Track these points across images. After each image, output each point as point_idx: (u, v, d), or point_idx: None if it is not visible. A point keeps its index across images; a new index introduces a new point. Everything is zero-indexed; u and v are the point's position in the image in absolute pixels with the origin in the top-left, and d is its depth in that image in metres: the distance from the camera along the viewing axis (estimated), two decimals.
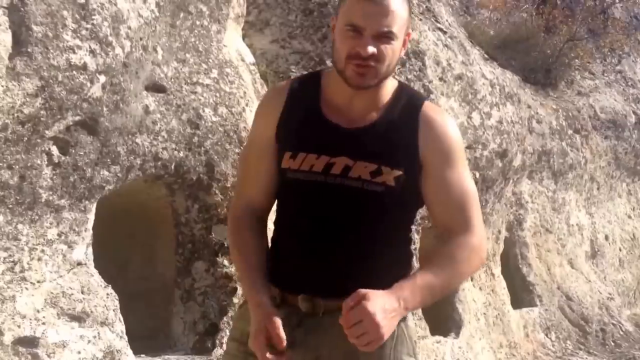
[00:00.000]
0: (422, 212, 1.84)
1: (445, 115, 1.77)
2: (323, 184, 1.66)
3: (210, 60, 3.80)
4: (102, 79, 2.81)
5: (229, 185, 3.66)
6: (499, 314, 5.49)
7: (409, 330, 1.73)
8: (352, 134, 1.67)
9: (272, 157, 1.75)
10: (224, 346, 3.45)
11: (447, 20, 5.80)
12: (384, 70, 1.65)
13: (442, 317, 5.08)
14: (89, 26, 2.72)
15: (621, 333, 6.72)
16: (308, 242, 1.69)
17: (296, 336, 1.66)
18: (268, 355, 1.59)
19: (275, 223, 1.81)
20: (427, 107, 1.73)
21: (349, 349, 1.57)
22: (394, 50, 1.64)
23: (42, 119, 2.61)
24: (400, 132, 1.68)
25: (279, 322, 1.62)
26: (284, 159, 1.72)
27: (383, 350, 1.64)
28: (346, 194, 1.66)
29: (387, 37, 1.62)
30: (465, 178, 1.73)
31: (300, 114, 1.72)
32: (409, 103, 1.72)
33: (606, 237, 7.61)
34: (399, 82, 1.79)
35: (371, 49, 1.60)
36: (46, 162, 2.71)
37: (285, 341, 1.61)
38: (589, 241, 7.29)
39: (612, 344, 6.53)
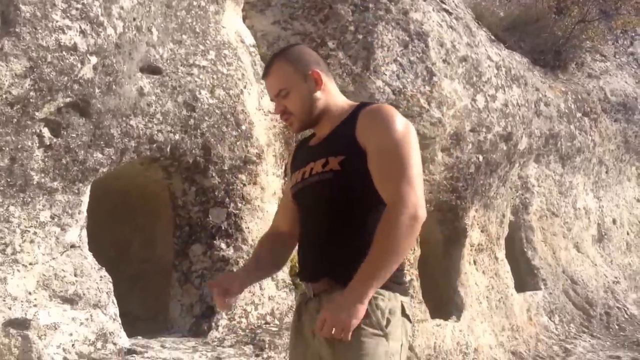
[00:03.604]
0: None
1: (381, 106, 2.07)
2: (302, 187, 2.08)
3: (208, 41, 3.76)
4: (94, 60, 2.79)
5: (226, 168, 3.64)
6: (502, 297, 5.46)
7: (378, 310, 1.92)
8: (315, 147, 2.11)
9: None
10: (220, 329, 3.45)
11: (453, 1, 5.72)
12: (300, 113, 2.08)
13: (444, 301, 5.06)
14: (79, 6, 2.69)
15: (626, 317, 6.68)
16: (302, 237, 2.10)
17: (305, 315, 2.02)
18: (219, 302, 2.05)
19: None
20: (369, 106, 2.06)
21: None
22: (295, 99, 2.07)
23: (31, 100, 2.60)
24: (343, 131, 2.04)
25: (239, 285, 2.08)
26: (290, 184, 2.19)
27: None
28: (312, 188, 2.04)
29: (281, 95, 2.08)
30: (396, 149, 1.95)
31: (302, 149, 2.21)
32: (357, 110, 2.06)
33: (614, 221, 7.54)
34: (362, 102, 2.16)
35: (277, 109, 2.11)
36: (37, 144, 2.70)
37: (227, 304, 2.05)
38: (595, 225, 7.23)
39: (617, 327, 6.49)
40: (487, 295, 5.33)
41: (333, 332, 1.84)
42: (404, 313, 1.96)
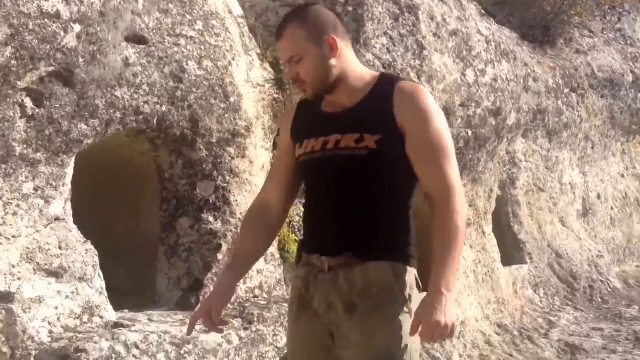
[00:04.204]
0: None
1: (417, 86, 2.03)
2: (321, 158, 1.98)
3: (195, 11, 3.68)
4: (77, 27, 2.71)
5: (214, 140, 3.59)
6: (488, 270, 5.50)
7: (401, 285, 1.93)
8: (339, 115, 2.00)
9: (290, 155, 2.09)
10: None
11: None
12: (313, 80, 1.98)
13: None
14: None
15: (609, 289, 6.77)
16: (316, 209, 2.03)
17: (314, 289, 1.98)
18: (209, 325, 2.02)
19: (304, 202, 2.13)
20: (401, 83, 2.00)
21: (349, 298, 1.93)
22: (308, 66, 1.96)
23: (12, 68, 2.52)
24: (377, 106, 1.96)
25: (225, 300, 2.06)
26: (296, 150, 2.06)
27: (376, 300, 1.91)
28: (339, 161, 1.95)
29: (294, 61, 1.97)
30: (440, 136, 1.94)
31: (306, 114, 2.09)
32: (385, 84, 2.00)
33: (598, 196, 7.60)
34: (382, 73, 2.12)
35: (289, 74, 2.02)
36: (19, 114, 2.63)
37: (216, 322, 2.02)
38: (580, 199, 7.28)
39: (599, 300, 6.58)
40: (474, 268, 5.36)
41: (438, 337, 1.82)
42: (417, 286, 1.97)
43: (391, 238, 1.96)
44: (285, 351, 2.19)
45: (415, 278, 1.96)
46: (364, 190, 1.94)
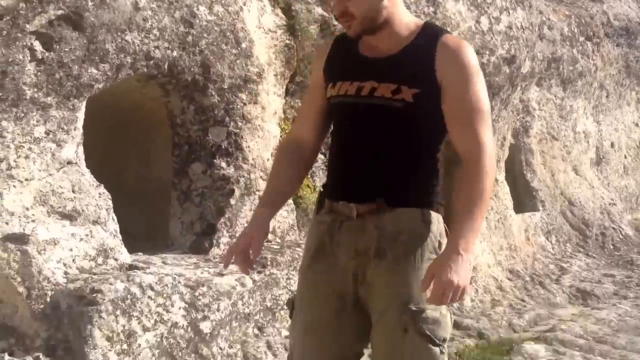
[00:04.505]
0: None
1: (462, 42, 1.96)
2: (355, 104, 1.93)
3: None
4: None
5: (225, 86, 3.58)
6: (500, 218, 5.51)
7: (431, 232, 1.92)
8: (377, 62, 1.94)
9: (321, 95, 2.03)
10: (221, 246, 3.47)
11: None
12: (362, 19, 1.90)
13: (444, 220, 5.09)
14: None
15: (621, 237, 6.78)
16: (345, 155, 1.98)
17: (339, 236, 1.95)
18: (233, 259, 1.99)
19: (329, 147, 2.08)
20: (446, 36, 1.94)
21: (379, 245, 1.90)
22: (361, 2, 1.88)
23: (21, 12, 2.51)
24: (419, 58, 1.91)
25: (264, 235, 2.01)
26: (328, 91, 2.01)
27: (406, 248, 1.90)
28: (373, 110, 1.91)
29: None
30: (479, 97, 1.90)
31: (342, 54, 2.02)
32: (429, 35, 1.94)
33: (612, 145, 7.54)
34: (427, 22, 2.05)
35: (337, 9, 1.92)
36: (29, 58, 2.62)
37: (256, 256, 1.98)
38: (594, 148, 7.23)
39: (611, 247, 6.60)
40: (487, 216, 5.36)
41: (447, 299, 1.76)
42: (446, 234, 1.94)
43: (421, 186, 1.94)
44: (293, 294, 2.13)
45: (444, 226, 1.95)
46: (396, 140, 1.92)
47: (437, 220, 1.93)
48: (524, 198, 6.12)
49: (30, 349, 2.61)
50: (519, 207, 5.92)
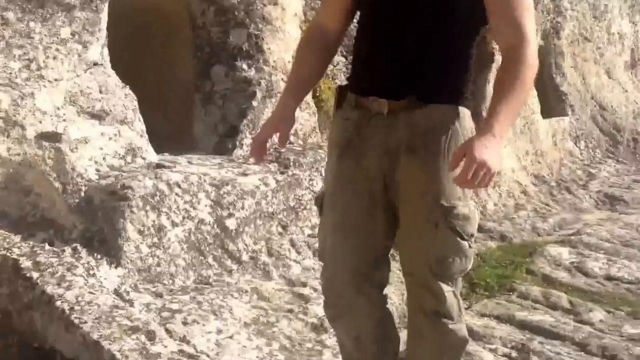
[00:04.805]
0: None
1: None
2: None
3: None
4: None
5: None
6: (527, 122, 5.44)
7: (462, 129, 1.88)
8: None
9: None
10: (244, 147, 3.56)
11: None
12: None
13: None
14: None
15: None
16: (375, 48, 1.88)
17: (368, 133, 1.89)
18: (257, 151, 1.98)
19: (355, 38, 1.98)
20: None
21: (410, 142, 1.84)
22: None
23: None
24: None
25: (291, 124, 1.97)
26: None
27: (439, 143, 1.85)
28: None
29: None
30: None
31: None
32: None
33: None
34: None
35: None
36: None
37: (284, 144, 1.97)
38: (629, 50, 6.99)
39: None
40: None
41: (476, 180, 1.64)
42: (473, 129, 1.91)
43: (455, 81, 1.87)
44: (321, 192, 2.09)
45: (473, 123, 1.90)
46: (432, 31, 1.82)
47: (468, 117, 1.89)
48: (552, 102, 6.02)
49: (68, 240, 2.78)
50: (547, 112, 5.85)
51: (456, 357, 2.05)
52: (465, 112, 1.88)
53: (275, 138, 1.99)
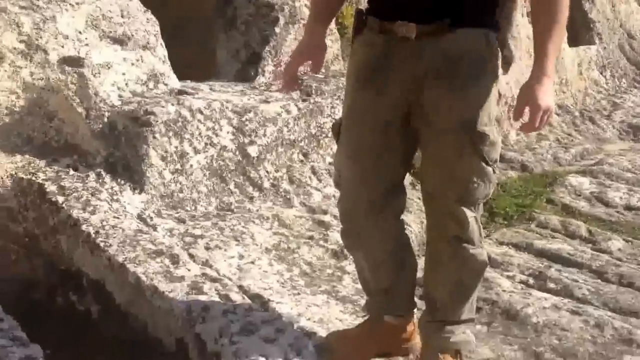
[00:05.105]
0: None
1: None
2: None
3: None
4: None
5: None
6: None
7: (491, 55, 1.86)
8: None
9: None
10: (266, 74, 3.55)
11: None
12: None
13: None
14: None
15: None
16: None
17: (393, 59, 1.84)
18: (289, 81, 2.02)
19: None
20: None
21: (439, 68, 1.81)
22: None
23: None
24: None
25: (324, 51, 1.98)
26: None
27: (467, 69, 1.83)
28: None
29: None
30: None
31: None
32: None
33: None
34: None
35: None
36: None
37: (317, 71, 1.99)
38: None
39: None
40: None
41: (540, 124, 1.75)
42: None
43: (487, 5, 1.84)
44: (339, 119, 2.02)
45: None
46: None
47: (495, 42, 1.86)
48: (580, 30, 5.87)
49: (92, 165, 2.82)
50: (574, 40, 5.70)
51: (475, 281, 2.08)
52: (493, 38, 1.85)
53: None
